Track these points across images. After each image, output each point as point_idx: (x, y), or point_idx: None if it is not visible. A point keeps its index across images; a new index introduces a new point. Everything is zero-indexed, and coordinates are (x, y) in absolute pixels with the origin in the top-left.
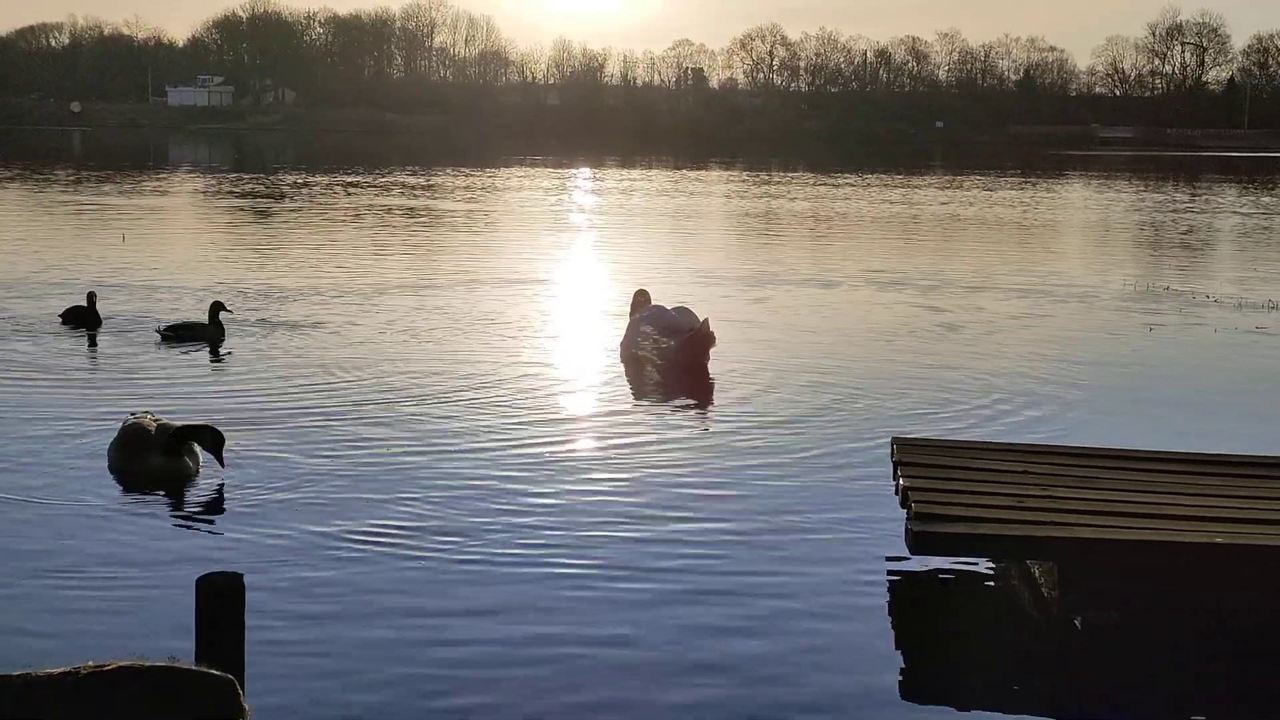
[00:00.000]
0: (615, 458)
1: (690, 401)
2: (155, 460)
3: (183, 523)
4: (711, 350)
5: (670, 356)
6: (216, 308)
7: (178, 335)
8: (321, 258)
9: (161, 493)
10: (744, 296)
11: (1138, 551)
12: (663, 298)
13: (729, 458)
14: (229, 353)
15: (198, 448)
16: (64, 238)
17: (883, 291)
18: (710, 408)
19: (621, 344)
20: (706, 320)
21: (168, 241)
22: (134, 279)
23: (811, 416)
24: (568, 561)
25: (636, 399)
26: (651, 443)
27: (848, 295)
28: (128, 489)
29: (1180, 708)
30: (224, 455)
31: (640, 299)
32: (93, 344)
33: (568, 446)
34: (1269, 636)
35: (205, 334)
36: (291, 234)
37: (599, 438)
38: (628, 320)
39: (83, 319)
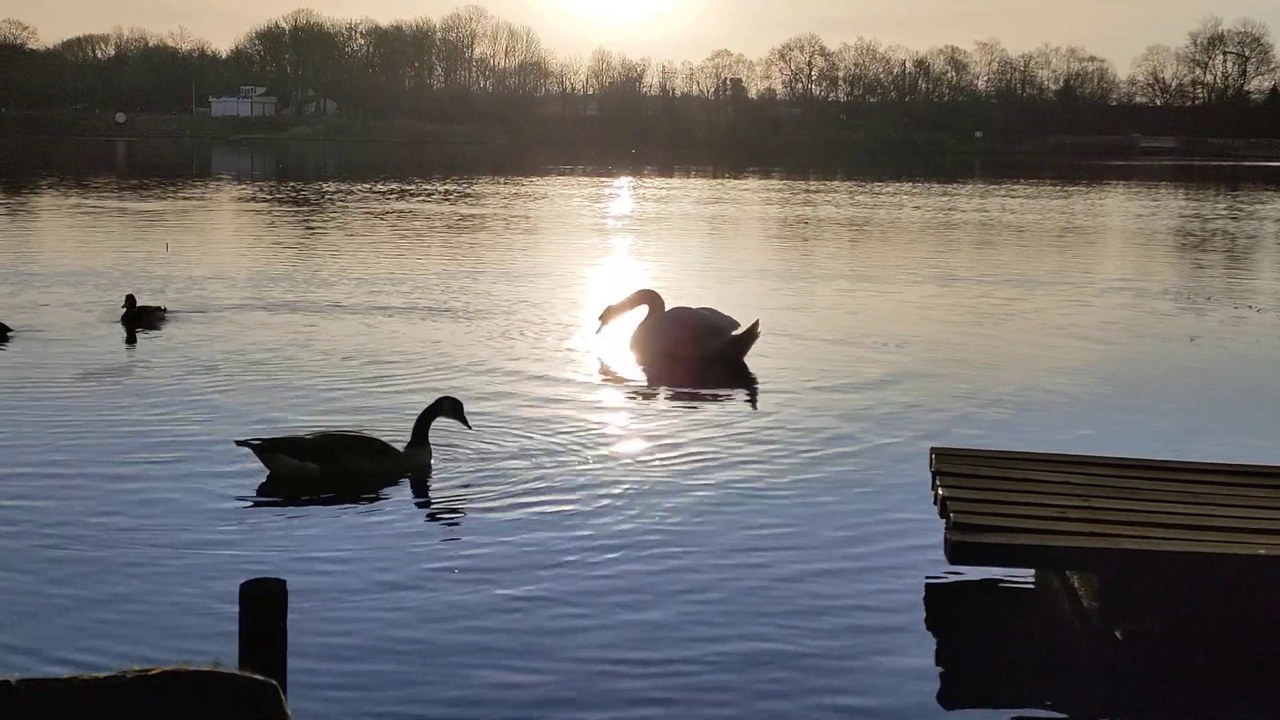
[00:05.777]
0: (649, 463)
1: (725, 407)
2: (407, 454)
3: (228, 528)
4: (751, 351)
5: (712, 354)
6: None
7: None
8: (364, 261)
9: (204, 498)
10: (783, 302)
11: (1179, 563)
12: (706, 299)
13: (765, 464)
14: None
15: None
16: (108, 245)
17: (922, 299)
18: (746, 413)
19: (633, 338)
20: (757, 322)
21: (211, 249)
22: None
23: (850, 424)
24: (601, 569)
25: (670, 400)
26: (684, 448)
27: (887, 302)
28: (172, 495)
29: None
30: (466, 417)
31: (649, 299)
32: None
33: (598, 452)
34: None
35: None
36: (337, 240)
37: (631, 439)
38: (637, 319)
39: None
